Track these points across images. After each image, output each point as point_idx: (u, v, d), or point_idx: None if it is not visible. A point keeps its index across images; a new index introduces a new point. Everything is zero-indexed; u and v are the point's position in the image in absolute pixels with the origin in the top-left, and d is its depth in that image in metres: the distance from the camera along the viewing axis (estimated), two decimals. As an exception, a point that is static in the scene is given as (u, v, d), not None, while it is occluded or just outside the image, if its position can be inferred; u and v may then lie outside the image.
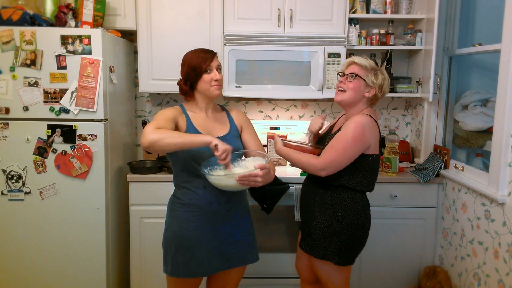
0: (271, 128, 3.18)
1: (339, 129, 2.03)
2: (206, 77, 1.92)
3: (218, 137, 1.90)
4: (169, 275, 1.96)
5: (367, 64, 2.02)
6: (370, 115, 1.99)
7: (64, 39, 2.45)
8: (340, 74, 2.09)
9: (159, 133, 1.73)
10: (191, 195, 1.92)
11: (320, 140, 2.20)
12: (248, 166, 1.86)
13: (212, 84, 1.92)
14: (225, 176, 1.80)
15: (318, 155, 2.01)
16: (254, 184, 1.79)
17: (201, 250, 1.92)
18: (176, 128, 1.91)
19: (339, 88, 2.06)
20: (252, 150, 2.00)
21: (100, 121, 2.52)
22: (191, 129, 1.93)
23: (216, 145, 1.73)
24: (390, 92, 3.03)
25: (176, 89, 1.97)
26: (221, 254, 1.96)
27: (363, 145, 1.95)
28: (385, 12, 3.00)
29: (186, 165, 1.91)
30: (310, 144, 2.17)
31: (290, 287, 2.83)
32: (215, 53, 1.98)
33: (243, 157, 1.96)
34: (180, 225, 1.93)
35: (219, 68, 1.96)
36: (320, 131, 2.25)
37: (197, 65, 1.91)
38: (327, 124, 2.29)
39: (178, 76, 1.93)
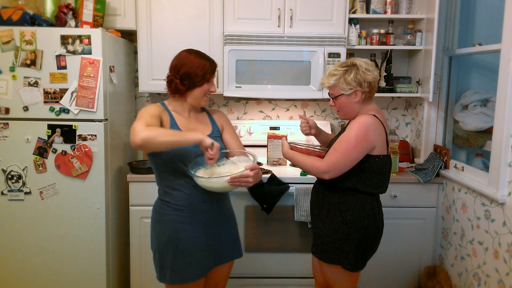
0: (271, 128, 3.18)
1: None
2: (205, 86, 1.93)
3: None
4: (169, 283, 1.92)
5: (332, 82, 1.97)
6: (374, 115, 1.94)
7: (64, 39, 2.45)
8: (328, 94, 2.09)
9: (152, 130, 1.70)
10: (181, 197, 1.90)
11: (331, 143, 2.19)
12: (239, 165, 1.86)
13: (206, 94, 1.95)
14: (215, 178, 1.79)
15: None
16: (245, 185, 1.79)
17: (199, 251, 1.91)
18: (161, 125, 1.87)
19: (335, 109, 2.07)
20: (236, 150, 2.00)
21: (100, 121, 2.52)
22: (175, 128, 1.90)
23: (212, 143, 1.73)
24: (390, 92, 3.03)
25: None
26: (214, 252, 1.97)
27: (367, 146, 1.91)
28: (385, 12, 3.00)
29: (172, 166, 1.88)
30: (317, 147, 2.15)
31: (290, 287, 2.83)
32: (216, 64, 1.98)
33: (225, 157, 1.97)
34: (175, 228, 1.90)
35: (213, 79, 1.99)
36: (318, 127, 2.24)
37: (200, 71, 1.90)
38: (311, 120, 2.26)
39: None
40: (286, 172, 2.82)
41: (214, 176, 1.81)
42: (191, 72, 1.90)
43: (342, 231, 1.97)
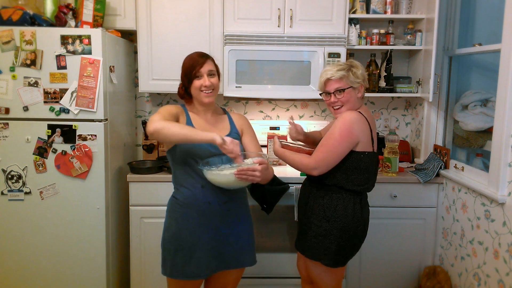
0: (271, 128, 3.18)
1: None
2: (196, 83, 1.91)
3: None
4: (169, 276, 1.96)
5: (342, 73, 1.99)
6: (359, 112, 1.99)
7: (64, 39, 2.45)
8: (324, 94, 2.06)
9: (165, 122, 1.76)
10: (189, 195, 1.92)
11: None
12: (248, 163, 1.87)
13: (201, 89, 1.91)
14: (222, 170, 1.81)
15: None
16: (252, 179, 1.77)
17: (200, 251, 1.91)
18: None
19: (334, 107, 2.04)
20: (250, 152, 2.00)
21: (100, 121, 2.52)
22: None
23: (222, 139, 1.72)
24: (390, 92, 3.04)
25: (176, 89, 2.00)
26: (219, 254, 1.95)
27: (351, 141, 1.94)
28: (385, 12, 3.00)
29: (185, 163, 1.91)
30: (307, 146, 2.19)
31: (290, 287, 2.83)
32: (208, 57, 1.95)
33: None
34: (179, 226, 1.93)
35: (212, 74, 1.93)
36: (305, 132, 2.25)
37: (187, 69, 1.92)
38: (299, 126, 2.26)
39: (178, 76, 1.94)
40: (286, 172, 2.82)
41: (222, 168, 1.83)
42: (183, 73, 1.94)
43: (324, 228, 2.00)
